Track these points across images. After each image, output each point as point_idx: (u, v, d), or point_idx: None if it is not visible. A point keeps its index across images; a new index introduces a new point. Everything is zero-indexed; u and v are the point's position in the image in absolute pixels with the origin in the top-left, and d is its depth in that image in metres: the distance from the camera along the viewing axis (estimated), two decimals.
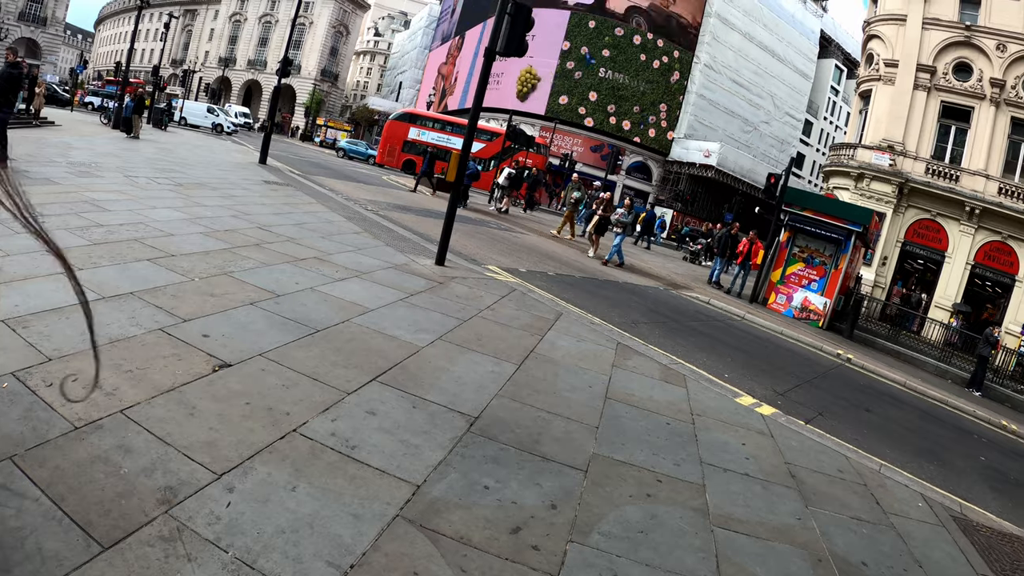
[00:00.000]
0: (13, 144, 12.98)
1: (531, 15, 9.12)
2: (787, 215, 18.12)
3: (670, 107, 54.53)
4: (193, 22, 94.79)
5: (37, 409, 3.22)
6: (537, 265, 12.86)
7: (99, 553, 2.37)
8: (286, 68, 23.34)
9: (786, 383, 9.05)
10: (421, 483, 3.32)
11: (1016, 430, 11.60)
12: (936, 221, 26.58)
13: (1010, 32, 25.27)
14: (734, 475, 4.53)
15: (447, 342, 5.74)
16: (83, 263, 5.66)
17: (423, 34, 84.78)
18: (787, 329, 14.44)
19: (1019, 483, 8.11)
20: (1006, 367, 18.45)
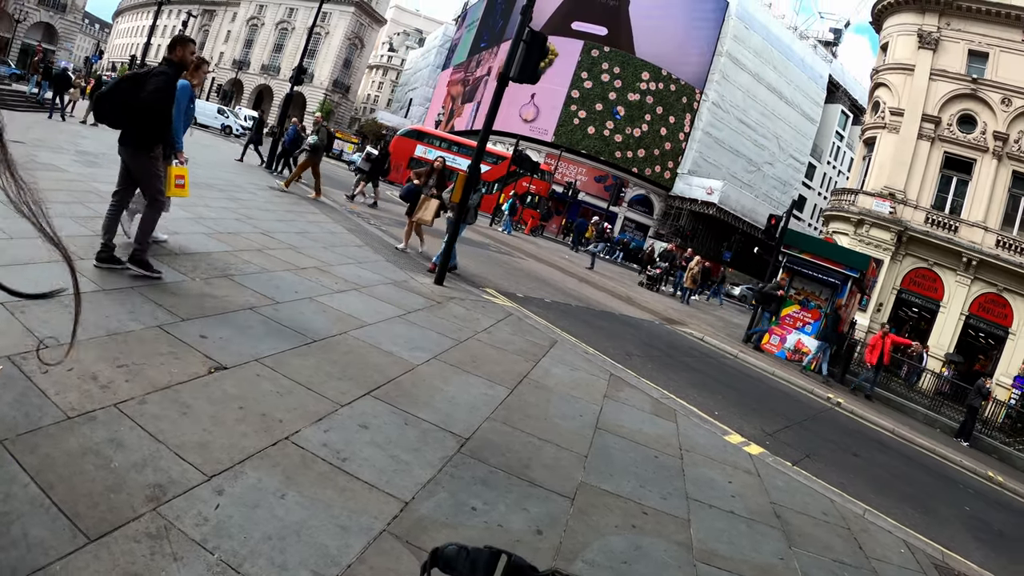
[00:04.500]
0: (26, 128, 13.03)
1: (547, 43, 9.25)
2: (786, 257, 18.21)
3: (675, 143, 54.97)
4: (211, 22, 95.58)
5: (31, 395, 3.23)
6: (534, 291, 12.91)
7: (85, 545, 2.38)
8: (300, 76, 23.46)
9: (775, 424, 9.06)
10: (409, 500, 3.33)
11: (1002, 482, 11.59)
12: (933, 270, 26.72)
13: (1016, 87, 25.60)
14: (719, 512, 4.54)
15: (442, 362, 5.76)
16: (85, 253, 5.67)
17: (437, 53, 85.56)
18: (779, 370, 14.46)
19: (1002, 534, 8.10)
20: (995, 418, 18.46)
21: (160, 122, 5.73)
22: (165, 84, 5.61)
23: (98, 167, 11.31)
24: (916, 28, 28.02)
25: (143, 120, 5.60)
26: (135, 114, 5.55)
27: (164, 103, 5.67)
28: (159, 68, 5.70)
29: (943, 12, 27.52)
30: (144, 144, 5.71)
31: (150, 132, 5.69)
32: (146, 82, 5.55)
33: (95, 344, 3.98)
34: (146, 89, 5.51)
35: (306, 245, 9.11)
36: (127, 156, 5.79)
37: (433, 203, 11.07)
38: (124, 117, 5.61)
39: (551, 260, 22.68)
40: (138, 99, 5.50)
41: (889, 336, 17.17)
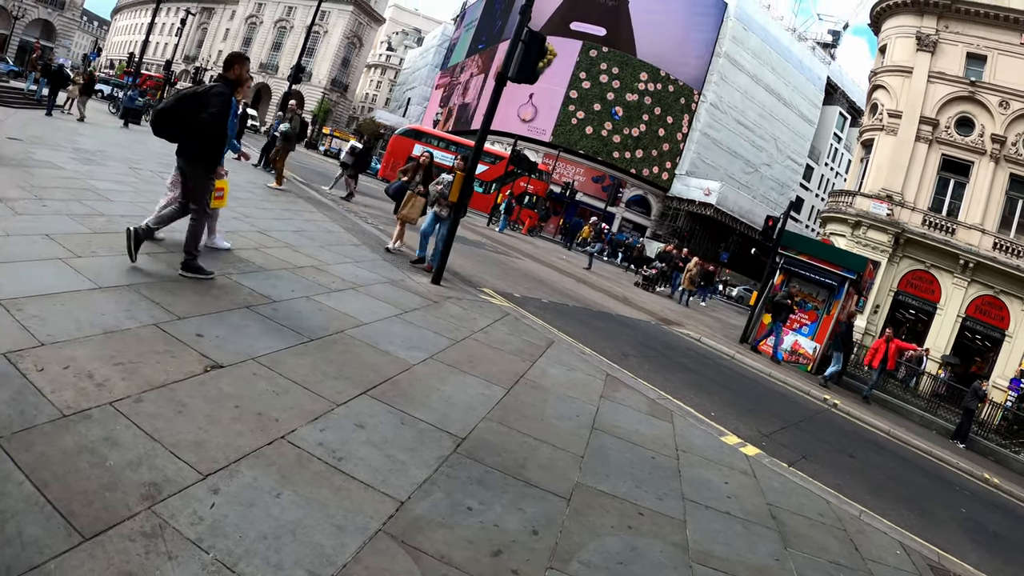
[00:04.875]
0: (23, 125, 13.01)
1: (545, 43, 9.24)
2: (783, 258, 18.21)
3: (673, 143, 55.02)
4: (209, 20, 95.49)
5: (27, 393, 3.22)
6: (532, 291, 12.91)
7: (80, 543, 2.38)
8: (298, 74, 23.44)
9: (771, 425, 9.06)
10: (405, 499, 3.32)
11: (998, 483, 11.61)
12: (930, 272, 26.79)
13: (1014, 89, 25.70)
14: (715, 513, 4.54)
15: (439, 361, 5.76)
16: (82, 251, 5.67)
17: (435, 52, 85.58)
18: (775, 371, 14.48)
19: (998, 535, 8.12)
20: (991, 421, 18.49)
21: (218, 138, 5.97)
22: (223, 105, 5.80)
23: (95, 164, 11.29)
24: (915, 30, 28.09)
25: (202, 136, 5.82)
26: (195, 131, 5.77)
27: (222, 121, 5.86)
28: (218, 87, 5.89)
29: (942, 15, 27.59)
30: (200, 157, 5.97)
31: (208, 149, 5.94)
32: (207, 101, 5.73)
33: (91, 342, 3.97)
34: (207, 109, 5.69)
35: (303, 244, 9.10)
36: (185, 166, 6.14)
37: (419, 201, 10.66)
38: (184, 133, 5.87)
39: (548, 260, 22.69)
40: (199, 118, 5.69)
41: (893, 341, 17.14)
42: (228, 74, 6.09)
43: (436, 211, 10.19)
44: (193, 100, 5.81)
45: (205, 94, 5.82)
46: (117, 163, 12.20)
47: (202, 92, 5.87)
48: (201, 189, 6.11)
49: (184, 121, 5.78)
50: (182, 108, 5.81)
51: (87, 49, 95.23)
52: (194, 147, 5.94)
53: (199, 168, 6.04)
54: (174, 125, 5.87)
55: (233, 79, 6.09)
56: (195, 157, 5.99)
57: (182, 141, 5.98)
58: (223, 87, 5.93)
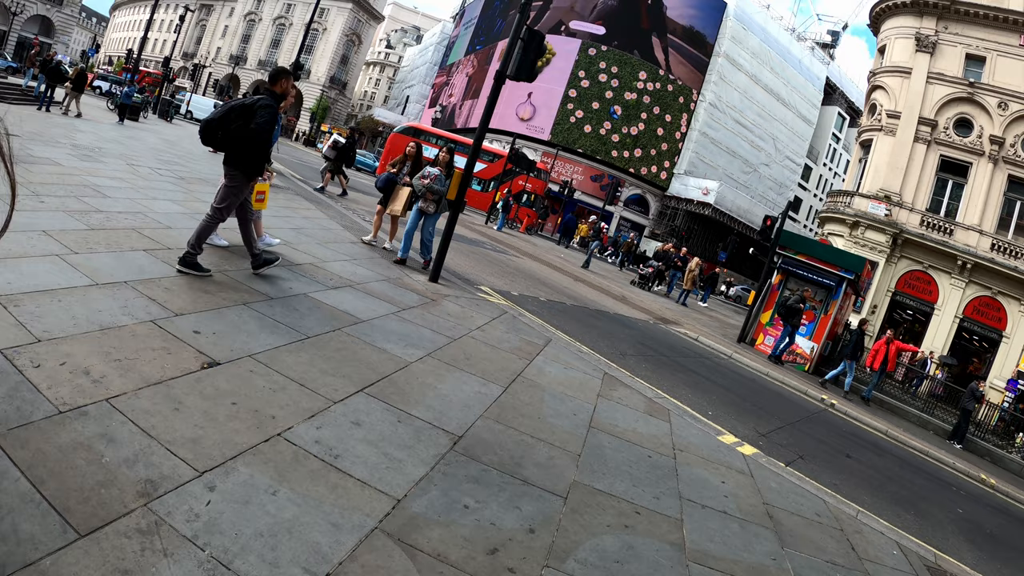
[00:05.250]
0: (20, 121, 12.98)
1: (544, 41, 9.23)
2: (781, 258, 18.24)
3: (671, 143, 55.02)
4: (208, 17, 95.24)
5: (23, 389, 3.21)
6: (529, 289, 12.91)
7: (75, 540, 2.37)
8: (297, 72, 23.40)
9: (769, 424, 9.07)
10: (402, 497, 3.32)
11: (995, 484, 11.64)
12: (928, 273, 26.82)
13: (1013, 91, 25.73)
14: (712, 512, 4.54)
15: (436, 359, 5.75)
16: (79, 247, 5.65)
17: (434, 50, 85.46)
18: (773, 371, 14.50)
19: (994, 536, 8.13)
20: (988, 421, 18.54)
21: (263, 148, 6.24)
22: (270, 116, 6.12)
23: (93, 161, 11.27)
24: (914, 31, 28.11)
25: (248, 146, 6.10)
26: (242, 142, 6.08)
27: (268, 133, 6.16)
28: (264, 100, 6.16)
29: (941, 16, 27.61)
30: (243, 165, 6.21)
31: (253, 159, 6.21)
32: (254, 114, 6.04)
33: (88, 338, 3.96)
34: (255, 121, 6.01)
35: (301, 241, 9.09)
36: (226, 174, 6.30)
37: (404, 192, 10.22)
38: (231, 143, 6.16)
39: (546, 259, 22.68)
40: (247, 129, 6.03)
41: (894, 342, 17.13)
42: (274, 88, 6.38)
43: (421, 206, 9.84)
44: (241, 111, 6.10)
45: (252, 106, 6.11)
46: (115, 159, 12.18)
47: (249, 104, 6.16)
48: (230, 190, 6.30)
49: (232, 131, 6.08)
50: (231, 119, 6.10)
51: (86, 45, 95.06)
52: (240, 155, 6.17)
53: (241, 175, 6.27)
54: (224, 135, 6.14)
55: (279, 93, 6.39)
56: (240, 165, 6.21)
57: (229, 150, 6.23)
58: (269, 100, 6.22)
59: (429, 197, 9.71)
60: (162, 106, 35.16)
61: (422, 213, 9.85)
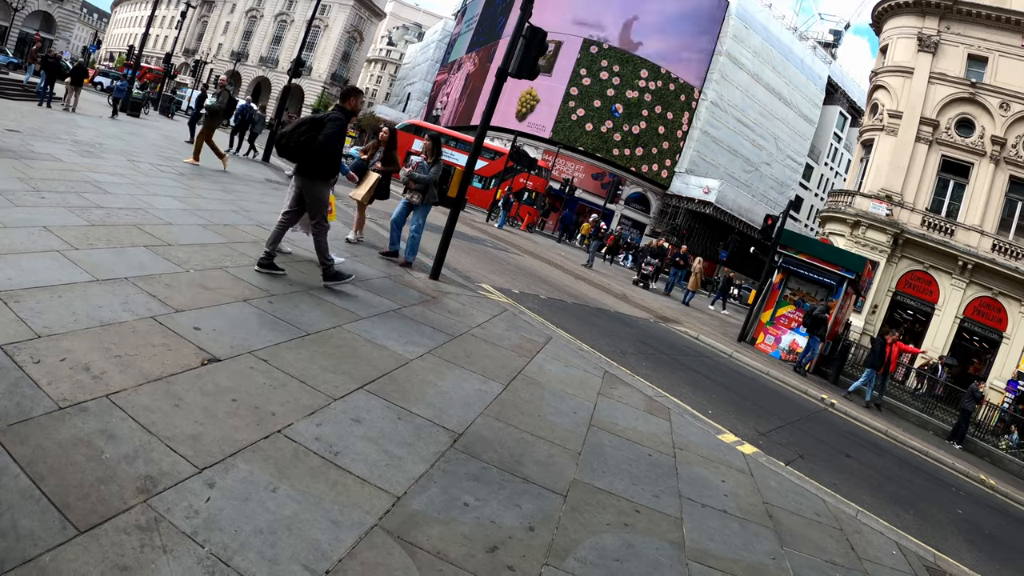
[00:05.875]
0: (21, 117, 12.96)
1: (546, 39, 9.22)
2: (782, 257, 18.23)
3: (673, 141, 54.97)
4: (209, 13, 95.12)
5: (23, 385, 3.21)
6: (530, 287, 12.90)
7: (74, 536, 2.37)
8: (298, 68, 23.39)
9: (769, 423, 9.07)
10: (402, 495, 3.32)
11: (994, 485, 11.64)
12: (928, 273, 26.81)
13: (1014, 91, 25.69)
14: (712, 511, 4.54)
15: (436, 356, 5.75)
16: (80, 243, 5.65)
17: (436, 48, 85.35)
18: (773, 370, 14.49)
19: (993, 537, 8.13)
20: (988, 422, 18.54)
21: (333, 160, 6.62)
22: (339, 129, 6.50)
23: (94, 157, 11.27)
24: (916, 31, 28.06)
25: (318, 158, 6.48)
26: (312, 153, 6.45)
27: (337, 145, 6.53)
28: (334, 115, 6.56)
29: (943, 16, 27.56)
30: (317, 174, 6.62)
31: (324, 168, 6.59)
32: (323, 127, 6.44)
33: (88, 334, 3.96)
34: (323, 133, 6.40)
35: (301, 238, 9.07)
36: (301, 184, 6.72)
37: (371, 178, 9.58)
38: (303, 154, 6.53)
39: (547, 257, 22.68)
40: (316, 141, 6.40)
41: (897, 344, 17.08)
42: (344, 104, 6.76)
43: (408, 198, 9.34)
44: (311, 124, 6.53)
45: (322, 120, 6.52)
46: (116, 156, 12.17)
47: (320, 118, 6.57)
48: (316, 202, 6.76)
49: (303, 143, 6.45)
50: (301, 131, 6.51)
51: (87, 41, 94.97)
52: (311, 166, 6.56)
53: (315, 185, 6.66)
54: (295, 147, 6.51)
55: (349, 109, 6.73)
56: (312, 175, 6.61)
57: (301, 161, 6.61)
58: (339, 115, 6.58)
59: (412, 186, 9.25)
60: (163, 102, 35.15)
61: (409, 206, 9.44)
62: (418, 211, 9.46)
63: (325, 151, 6.44)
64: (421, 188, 9.26)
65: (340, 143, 6.57)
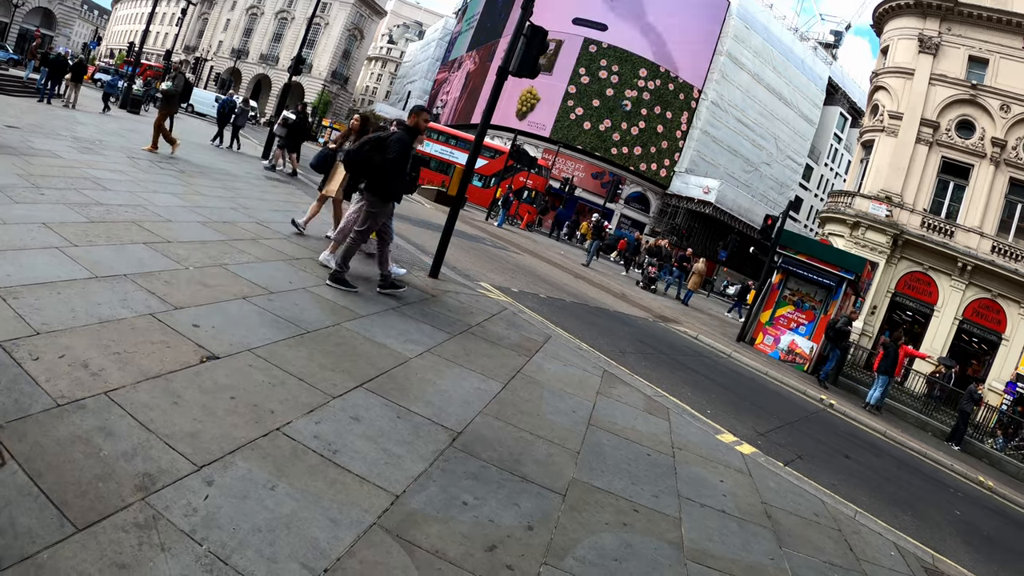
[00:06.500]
0: (21, 114, 12.94)
1: (547, 38, 9.21)
2: (781, 257, 18.22)
3: (672, 141, 54.95)
4: (210, 10, 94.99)
5: (21, 382, 3.20)
6: (529, 286, 12.89)
7: (72, 534, 2.37)
8: (298, 66, 23.37)
9: (768, 424, 9.07)
10: (400, 493, 3.31)
11: (992, 486, 11.65)
12: (928, 274, 26.79)
13: (1015, 94, 25.65)
14: (711, 511, 4.53)
15: (435, 355, 5.74)
16: (79, 240, 5.65)
17: (436, 46, 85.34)
18: (772, 370, 14.49)
19: (992, 538, 8.14)
20: (987, 423, 18.54)
21: (397, 177, 6.89)
22: (403, 148, 6.77)
23: (94, 153, 11.26)
24: (917, 32, 28.03)
25: (381, 175, 6.78)
26: (376, 172, 6.78)
27: (401, 163, 6.81)
28: (399, 134, 6.82)
29: (944, 17, 27.52)
30: (381, 192, 6.91)
31: (387, 182, 6.85)
32: (388, 147, 6.72)
33: (87, 331, 3.95)
34: (387, 153, 6.69)
35: (301, 236, 9.07)
36: (366, 199, 7.03)
37: (342, 170, 8.83)
38: (367, 172, 6.87)
39: (547, 255, 22.67)
40: (381, 159, 6.70)
41: (902, 347, 16.98)
42: (408, 122, 7.00)
43: None
44: (375, 144, 6.79)
45: (386, 140, 6.79)
46: (115, 152, 12.16)
47: (384, 137, 6.84)
48: (372, 217, 7.00)
49: (368, 161, 6.77)
50: (367, 150, 6.79)
51: (87, 38, 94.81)
52: (375, 184, 6.86)
53: (377, 202, 6.93)
54: (361, 165, 6.83)
55: (411, 126, 6.95)
56: (376, 190, 6.89)
57: (367, 177, 6.93)
58: (403, 134, 6.84)
59: None
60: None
61: None
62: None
63: (388, 171, 6.73)
64: None
65: (404, 162, 6.84)
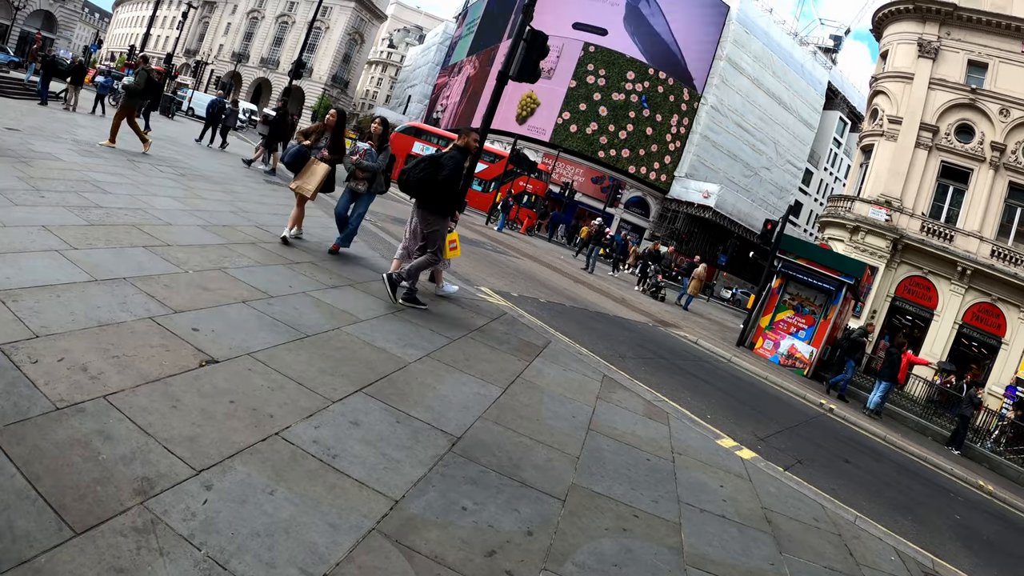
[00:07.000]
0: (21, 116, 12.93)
1: (547, 42, 9.23)
2: (781, 262, 18.23)
3: (672, 145, 54.99)
4: (211, 14, 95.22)
5: (20, 385, 3.20)
6: (529, 290, 12.89)
7: (71, 538, 2.36)
8: (299, 70, 23.38)
9: (768, 428, 9.06)
10: (399, 498, 3.30)
11: (992, 491, 11.64)
12: (927, 279, 26.81)
13: (1014, 98, 25.72)
14: (711, 516, 4.53)
15: (435, 359, 5.73)
16: (78, 243, 5.64)
17: (437, 50, 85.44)
18: (772, 375, 14.48)
19: (992, 543, 8.13)
20: (986, 428, 18.54)
21: (452, 194, 7.19)
22: (457, 167, 7.04)
23: (94, 156, 11.26)
24: (916, 37, 28.11)
25: (439, 193, 7.05)
26: (433, 189, 7.01)
27: (455, 181, 7.09)
28: (451, 153, 7.10)
29: (944, 22, 27.61)
30: (438, 210, 7.22)
31: (443, 201, 7.17)
32: (442, 167, 6.95)
33: (86, 334, 3.95)
34: (442, 173, 6.93)
35: (301, 240, 9.06)
36: (421, 218, 7.32)
37: (320, 169, 8.50)
38: (424, 190, 7.08)
39: (546, 260, 22.68)
40: (437, 178, 6.95)
41: (905, 354, 16.94)
42: (459, 142, 7.24)
43: (352, 186, 8.63)
44: (432, 162, 7.01)
45: (440, 159, 7.02)
46: (115, 155, 12.16)
47: (439, 156, 7.08)
48: (434, 235, 7.30)
49: (425, 180, 6.97)
50: (422, 169, 6.99)
51: (88, 41, 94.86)
52: (431, 202, 7.14)
53: (435, 217, 7.22)
54: (418, 183, 7.01)
55: (463, 146, 7.22)
56: (432, 210, 7.18)
57: (421, 196, 7.17)
58: (457, 154, 7.10)
59: (359, 175, 8.55)
60: (164, 103, 35.15)
61: (353, 193, 8.71)
62: (363, 200, 8.84)
63: (444, 188, 6.97)
64: (368, 177, 8.64)
65: (458, 181, 7.10)
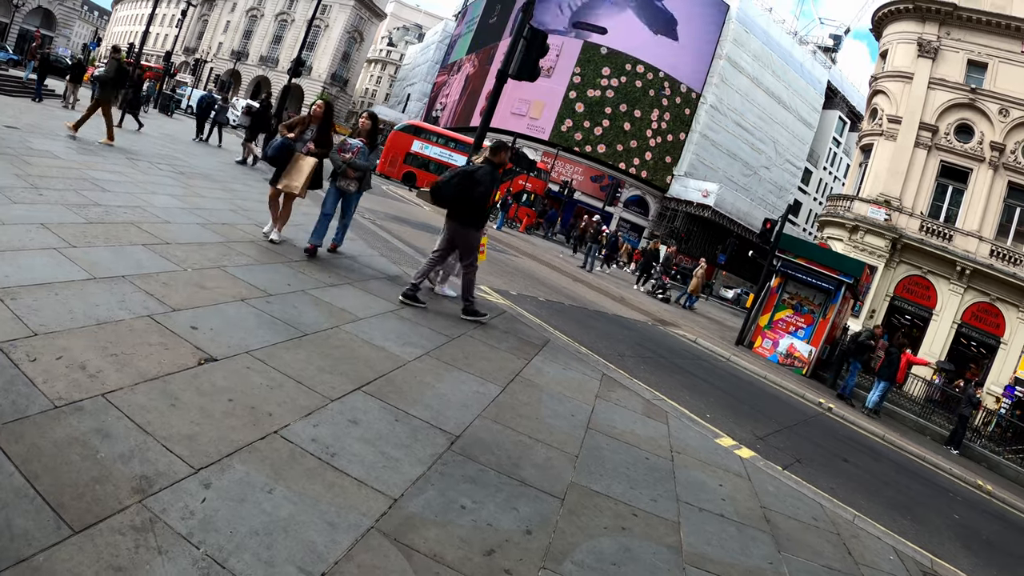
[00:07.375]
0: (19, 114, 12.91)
1: (547, 41, 9.22)
2: (780, 261, 18.22)
3: (672, 144, 54.98)
4: (210, 12, 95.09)
5: (18, 383, 3.19)
6: (528, 289, 12.88)
7: (69, 536, 2.35)
8: (298, 68, 23.36)
9: (766, 428, 9.06)
10: (398, 497, 3.30)
11: (991, 490, 11.64)
12: (926, 278, 26.82)
13: (1014, 98, 25.72)
14: (710, 515, 4.52)
15: (434, 358, 5.73)
16: (78, 241, 5.63)
17: (436, 49, 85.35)
18: (771, 374, 14.48)
19: (991, 542, 8.13)
20: (985, 427, 18.55)
21: (483, 207, 7.43)
22: (491, 181, 7.30)
23: (92, 155, 11.25)
24: (916, 36, 28.10)
25: (472, 205, 7.30)
26: (467, 202, 7.26)
27: (488, 194, 7.31)
28: (485, 169, 7.30)
29: (944, 21, 27.60)
30: (471, 223, 7.45)
31: (476, 214, 7.43)
32: (477, 182, 7.20)
33: (85, 333, 3.94)
34: (477, 188, 7.19)
35: (300, 238, 9.04)
36: (453, 229, 7.48)
37: (307, 164, 8.05)
38: (459, 203, 7.29)
39: (545, 258, 22.68)
40: (470, 193, 7.21)
41: (905, 354, 16.93)
42: (493, 158, 7.44)
43: (341, 185, 8.28)
44: (466, 177, 7.21)
45: (473, 173, 7.22)
46: (114, 153, 12.15)
47: (471, 171, 7.26)
48: (467, 246, 7.57)
49: (460, 194, 7.20)
50: (456, 182, 7.20)
51: (87, 39, 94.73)
52: (464, 214, 7.34)
53: (468, 230, 7.44)
54: (453, 196, 7.22)
55: (497, 163, 7.44)
56: (465, 222, 7.40)
57: (454, 209, 7.35)
58: (490, 168, 7.31)
59: (350, 175, 8.23)
60: (163, 100, 35.14)
61: (342, 192, 8.37)
62: (353, 199, 8.63)
63: (478, 201, 7.22)
64: (359, 175, 8.38)
65: (489, 194, 7.32)
